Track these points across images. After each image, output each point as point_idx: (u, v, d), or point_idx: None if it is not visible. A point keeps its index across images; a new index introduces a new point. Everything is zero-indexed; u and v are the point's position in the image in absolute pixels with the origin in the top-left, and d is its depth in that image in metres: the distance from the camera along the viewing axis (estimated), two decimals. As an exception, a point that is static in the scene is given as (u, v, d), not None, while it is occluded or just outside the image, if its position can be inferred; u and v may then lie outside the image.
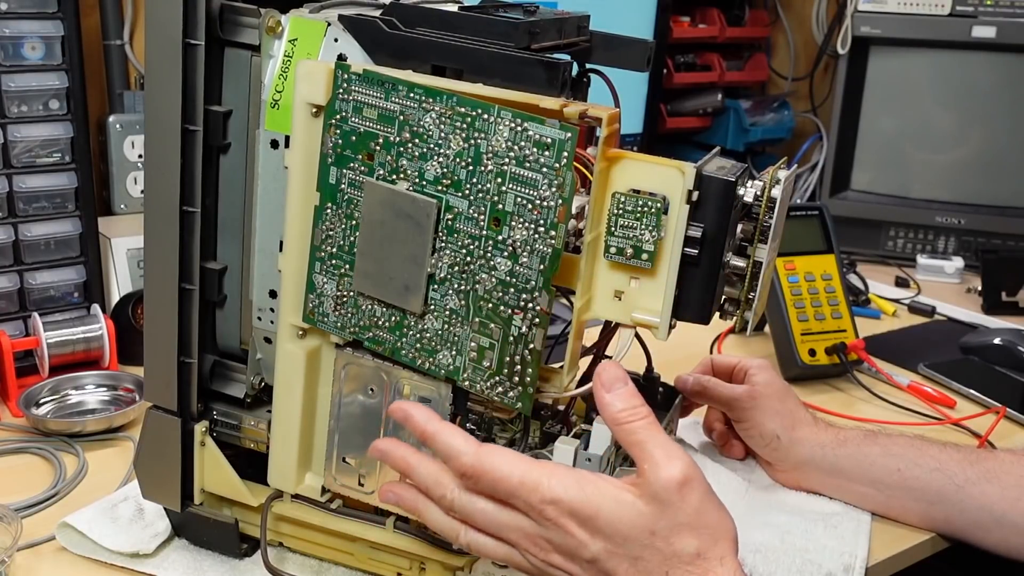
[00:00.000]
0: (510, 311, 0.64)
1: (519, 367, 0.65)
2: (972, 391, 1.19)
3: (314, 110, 0.66)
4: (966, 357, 1.31)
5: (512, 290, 0.64)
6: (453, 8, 0.71)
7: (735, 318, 0.71)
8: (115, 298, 1.19)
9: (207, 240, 0.73)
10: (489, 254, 0.64)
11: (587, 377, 0.70)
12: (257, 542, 0.77)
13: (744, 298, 0.70)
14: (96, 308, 1.11)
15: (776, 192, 0.68)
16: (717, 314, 0.71)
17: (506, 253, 0.63)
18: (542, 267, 0.63)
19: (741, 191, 0.67)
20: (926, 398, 1.17)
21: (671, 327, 0.67)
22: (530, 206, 0.62)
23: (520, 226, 0.62)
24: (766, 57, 2.00)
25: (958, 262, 1.66)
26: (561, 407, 0.81)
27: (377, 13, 0.70)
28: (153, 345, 0.75)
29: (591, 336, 0.77)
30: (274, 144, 0.70)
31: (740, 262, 0.68)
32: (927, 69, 1.72)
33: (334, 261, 0.68)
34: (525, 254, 0.63)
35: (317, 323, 0.70)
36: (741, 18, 1.94)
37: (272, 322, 0.73)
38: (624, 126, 0.78)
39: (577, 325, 0.67)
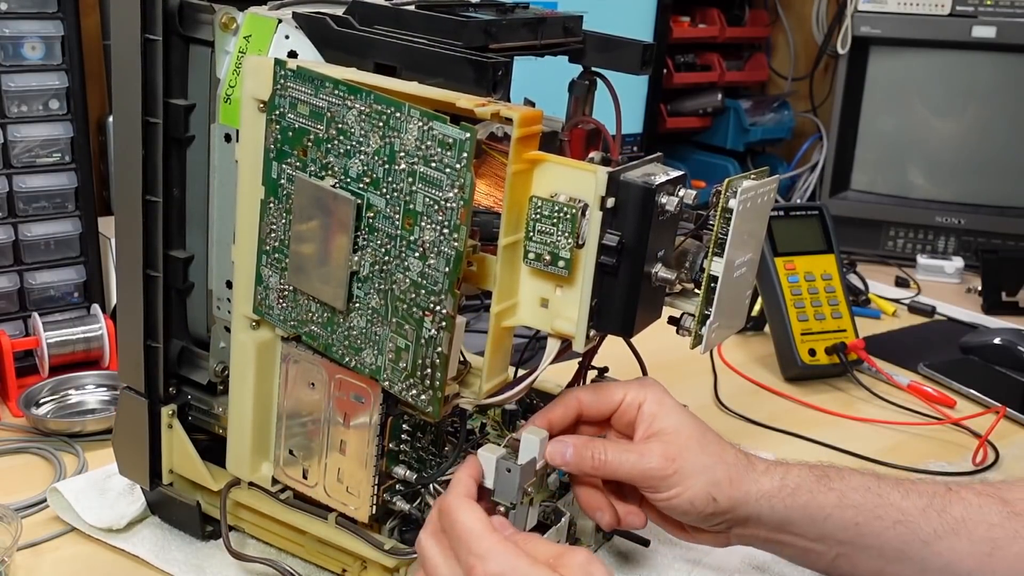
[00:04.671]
0: (421, 313, 0.62)
1: (429, 370, 0.63)
2: (972, 391, 1.19)
3: (260, 105, 0.66)
4: (966, 357, 1.31)
5: (423, 291, 0.62)
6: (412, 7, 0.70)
7: (690, 335, 0.68)
8: (115, 298, 1.19)
9: (172, 229, 0.74)
10: (403, 254, 0.62)
11: (514, 384, 0.67)
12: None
13: (701, 313, 0.68)
14: (96, 308, 1.10)
15: (732, 203, 0.65)
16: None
17: (417, 254, 0.62)
18: (447, 269, 0.61)
19: (664, 200, 0.63)
20: (926, 398, 1.17)
21: (591, 338, 0.64)
22: (436, 207, 0.60)
23: (429, 227, 0.61)
24: (766, 57, 2.01)
25: (958, 262, 1.66)
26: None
27: (341, 11, 0.69)
28: (124, 328, 0.78)
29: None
30: (227, 138, 0.71)
31: (668, 274, 0.65)
32: (927, 69, 1.72)
33: (276, 255, 0.68)
34: (432, 255, 0.61)
35: (264, 315, 0.70)
36: (741, 18, 1.94)
37: (230, 312, 0.73)
38: (624, 126, 0.77)
39: (496, 330, 0.64)
